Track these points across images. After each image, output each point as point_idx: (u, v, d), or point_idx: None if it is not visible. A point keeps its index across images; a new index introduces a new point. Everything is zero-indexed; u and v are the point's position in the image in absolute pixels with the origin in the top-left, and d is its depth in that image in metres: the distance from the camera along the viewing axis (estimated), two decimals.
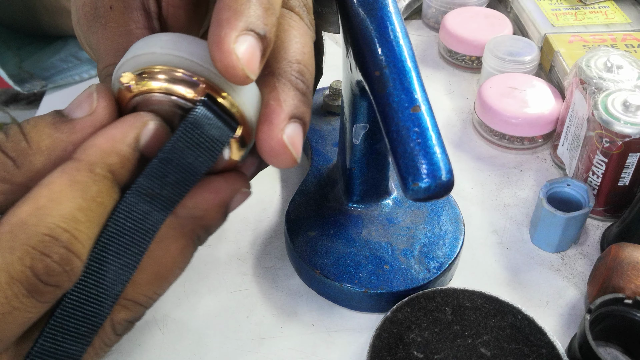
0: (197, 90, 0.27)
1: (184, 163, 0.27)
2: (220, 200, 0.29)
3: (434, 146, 0.29)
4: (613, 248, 0.40)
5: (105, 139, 0.26)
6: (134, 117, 0.27)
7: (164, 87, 0.27)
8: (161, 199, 0.27)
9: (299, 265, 0.43)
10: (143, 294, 0.29)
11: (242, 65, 0.25)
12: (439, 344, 0.38)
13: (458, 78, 0.62)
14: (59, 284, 0.25)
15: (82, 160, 0.26)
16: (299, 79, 0.28)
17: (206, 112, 0.26)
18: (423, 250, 0.43)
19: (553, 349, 0.37)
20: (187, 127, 0.26)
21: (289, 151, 0.28)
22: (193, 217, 0.29)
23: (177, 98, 0.27)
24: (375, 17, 0.33)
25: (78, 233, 0.25)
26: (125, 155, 0.26)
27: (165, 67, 0.27)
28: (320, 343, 0.41)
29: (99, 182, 0.26)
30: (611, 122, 0.43)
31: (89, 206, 0.25)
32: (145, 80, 0.27)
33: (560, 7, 0.62)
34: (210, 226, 0.30)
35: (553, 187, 0.45)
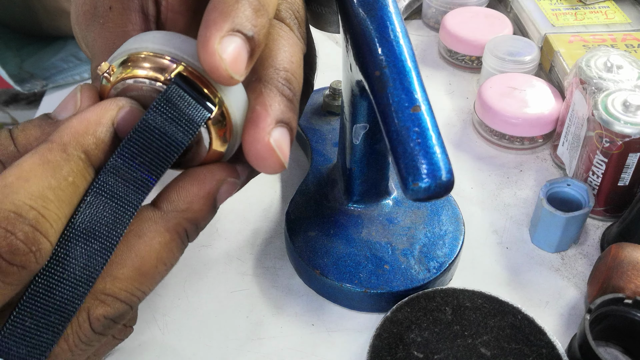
0: (171, 71, 0.27)
1: (157, 142, 0.26)
2: (206, 191, 0.29)
3: (434, 146, 0.29)
4: (613, 248, 0.40)
5: (79, 120, 0.26)
6: (109, 101, 0.27)
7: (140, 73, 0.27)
8: (135, 179, 0.26)
9: (299, 265, 0.43)
10: (124, 290, 0.28)
11: (225, 65, 0.25)
12: (439, 344, 0.38)
13: (458, 78, 0.62)
14: (24, 265, 0.24)
15: (54, 141, 0.25)
16: (286, 86, 0.28)
17: (178, 89, 0.26)
18: (423, 250, 0.43)
19: (553, 349, 0.37)
20: (157, 104, 0.26)
21: (275, 154, 0.27)
22: (177, 211, 0.29)
23: (154, 82, 0.27)
24: (375, 17, 0.33)
25: (46, 212, 0.24)
26: (100, 136, 0.26)
27: (146, 53, 0.27)
28: (320, 343, 0.41)
29: (71, 162, 0.25)
30: (611, 122, 0.43)
31: (60, 185, 0.25)
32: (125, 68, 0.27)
33: (560, 7, 0.62)
34: (197, 219, 0.29)
35: (553, 187, 0.45)
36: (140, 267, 0.28)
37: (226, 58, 0.25)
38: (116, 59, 0.28)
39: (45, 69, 0.60)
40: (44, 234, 0.24)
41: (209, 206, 0.29)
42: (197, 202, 0.29)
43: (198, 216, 0.29)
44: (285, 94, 0.28)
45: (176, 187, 0.29)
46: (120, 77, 0.27)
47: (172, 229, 0.29)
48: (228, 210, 0.49)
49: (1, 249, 0.23)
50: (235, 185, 0.30)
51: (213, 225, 0.48)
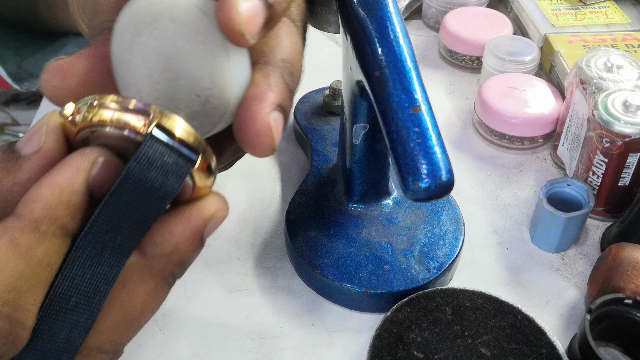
0: (147, 121, 0.24)
1: (137, 204, 0.24)
2: (192, 231, 0.27)
3: (434, 146, 0.29)
4: (613, 248, 0.40)
5: (50, 189, 0.24)
6: (79, 156, 0.24)
7: (109, 118, 0.24)
8: (113, 246, 0.25)
9: (299, 265, 0.43)
10: (108, 341, 0.27)
11: (240, 20, 0.24)
12: (439, 344, 0.38)
13: (458, 78, 0.62)
14: (3, 355, 0.23)
15: (24, 218, 0.23)
16: (289, 75, 0.28)
17: (156, 145, 0.24)
18: (423, 250, 0.43)
19: (553, 349, 0.37)
20: (133, 166, 0.24)
21: (271, 134, 0.26)
22: (163, 255, 0.27)
23: (124, 131, 0.24)
24: (375, 17, 0.33)
25: (21, 302, 0.23)
26: (74, 203, 0.24)
27: (113, 97, 0.25)
28: (320, 343, 0.41)
29: (46, 242, 0.23)
30: (611, 122, 0.43)
31: (34, 272, 0.23)
32: (92, 111, 0.25)
33: (560, 7, 0.62)
34: (184, 260, 0.28)
35: (553, 187, 0.45)
36: (124, 318, 0.27)
37: (243, 13, 0.24)
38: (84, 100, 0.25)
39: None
40: (20, 323, 0.23)
41: (196, 244, 0.28)
42: (183, 243, 0.27)
43: (184, 257, 0.27)
44: (288, 83, 0.28)
45: (160, 228, 0.26)
46: (90, 123, 0.25)
47: (158, 274, 0.27)
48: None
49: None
50: (224, 217, 0.29)
51: None
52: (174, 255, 0.27)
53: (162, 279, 0.27)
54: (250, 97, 0.27)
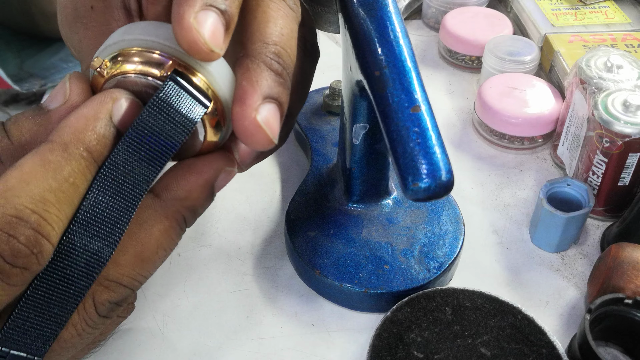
0: (167, 68, 0.27)
1: (155, 138, 0.27)
2: (204, 180, 0.29)
3: (433, 146, 0.29)
4: (613, 248, 0.40)
5: (77, 118, 0.26)
6: (104, 94, 0.27)
7: (133, 68, 0.27)
8: (135, 175, 0.27)
9: (299, 265, 0.43)
10: (126, 275, 0.29)
11: (204, 39, 0.25)
12: (439, 344, 0.38)
13: (458, 78, 0.62)
14: (27, 267, 0.24)
15: (55, 141, 0.25)
16: (274, 60, 0.28)
17: (175, 87, 0.27)
18: (423, 250, 0.43)
19: (553, 349, 0.37)
20: (155, 102, 0.26)
21: (263, 131, 0.27)
22: (176, 199, 0.29)
23: (147, 77, 0.27)
24: (375, 17, 0.33)
25: (47, 215, 0.24)
26: (99, 131, 0.26)
27: (137, 48, 0.27)
28: (320, 343, 0.41)
29: (73, 162, 0.25)
30: (611, 122, 0.43)
31: (60, 187, 0.25)
32: (117, 63, 0.27)
33: (560, 7, 0.62)
34: (195, 207, 0.30)
35: (553, 187, 0.45)
36: (141, 254, 0.29)
37: (203, 32, 0.25)
38: (108, 53, 0.28)
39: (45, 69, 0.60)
40: (46, 237, 0.24)
41: (207, 194, 0.30)
42: (195, 190, 0.29)
43: (196, 204, 0.30)
44: (273, 68, 0.28)
45: (175, 176, 0.29)
46: (114, 72, 0.27)
47: (171, 216, 0.29)
48: (228, 210, 0.49)
49: (4, 252, 0.24)
50: (233, 173, 0.31)
51: (213, 225, 0.48)
52: (187, 200, 0.29)
53: (175, 220, 0.29)
54: (235, 100, 0.28)
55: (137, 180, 0.27)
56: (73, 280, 0.26)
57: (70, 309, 0.27)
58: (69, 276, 0.26)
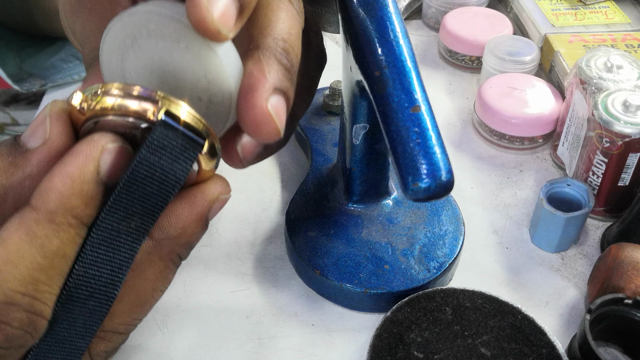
0: (155, 108, 0.25)
1: (148, 189, 0.25)
2: (198, 213, 0.28)
3: (433, 146, 0.29)
4: (613, 248, 0.40)
5: (62, 180, 0.24)
6: (88, 144, 0.24)
7: (117, 106, 0.25)
8: (128, 231, 0.25)
9: (299, 265, 0.43)
10: (122, 324, 0.28)
11: (212, 18, 0.24)
12: (439, 344, 0.38)
13: (458, 78, 0.62)
14: (22, 345, 0.24)
15: (39, 210, 0.24)
16: (284, 55, 0.28)
17: (166, 131, 0.24)
18: (423, 250, 0.43)
19: (553, 349, 0.37)
20: (145, 153, 0.24)
21: (273, 120, 0.26)
22: (170, 238, 0.27)
23: (132, 119, 0.25)
24: (375, 17, 0.33)
25: (39, 294, 0.23)
26: (87, 192, 0.24)
27: (118, 86, 0.25)
28: (320, 343, 0.41)
29: (61, 233, 0.24)
30: (611, 122, 0.43)
31: (51, 263, 0.24)
32: (99, 99, 0.25)
33: (560, 7, 0.62)
34: (190, 242, 0.29)
35: (553, 187, 0.45)
36: (137, 300, 0.28)
37: (213, 10, 0.24)
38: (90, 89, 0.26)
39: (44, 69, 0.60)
40: (39, 314, 0.24)
41: (202, 226, 0.28)
42: (189, 226, 0.28)
43: (191, 239, 0.28)
44: (283, 63, 0.27)
45: (167, 212, 0.27)
46: (98, 112, 0.25)
47: (166, 256, 0.28)
48: (228, 210, 0.49)
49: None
50: (227, 199, 0.29)
51: (213, 226, 0.48)
52: (181, 237, 0.28)
53: (169, 260, 0.28)
54: (245, 87, 0.27)
55: (130, 236, 0.25)
56: (71, 341, 0.25)
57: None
58: (66, 338, 0.25)
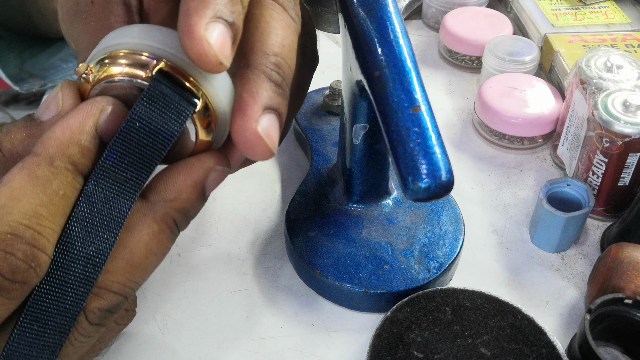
0: (151, 67, 0.26)
1: (143, 140, 0.26)
2: (193, 180, 0.29)
3: (433, 146, 0.29)
4: (613, 248, 0.40)
5: (63, 130, 0.26)
6: (90, 103, 0.26)
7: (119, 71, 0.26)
8: (125, 179, 0.26)
9: (298, 265, 0.43)
10: (116, 282, 0.28)
11: (214, 51, 0.25)
12: (439, 344, 0.38)
13: (458, 78, 0.62)
14: (26, 280, 0.25)
15: (40, 155, 0.26)
16: (275, 70, 0.28)
17: (160, 86, 0.26)
18: (423, 250, 0.43)
19: (553, 349, 0.37)
20: (141, 102, 0.26)
21: (264, 142, 0.27)
22: (165, 201, 0.28)
23: (134, 79, 0.26)
24: (375, 17, 0.33)
25: (41, 228, 0.25)
26: (85, 144, 0.26)
27: (124, 51, 0.27)
28: (320, 343, 0.41)
29: (60, 175, 0.25)
30: (611, 122, 0.43)
31: (51, 200, 0.25)
32: (103, 67, 0.27)
33: (560, 7, 0.62)
34: (186, 208, 0.29)
35: (553, 187, 0.45)
36: (131, 259, 0.28)
37: (214, 44, 0.25)
38: (94, 58, 0.27)
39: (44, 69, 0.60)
40: (42, 249, 0.25)
41: (198, 194, 0.29)
42: (184, 191, 0.29)
43: (186, 205, 0.29)
44: (273, 79, 0.28)
45: (163, 177, 0.28)
46: (100, 77, 0.27)
47: (161, 219, 0.29)
48: (228, 210, 0.49)
49: (3, 269, 0.24)
50: (225, 173, 0.30)
51: (213, 225, 0.48)
52: (176, 202, 0.29)
53: (164, 223, 0.29)
54: (235, 111, 0.27)
55: (126, 185, 0.27)
56: (71, 287, 0.26)
57: (72, 317, 0.27)
58: (67, 284, 0.26)
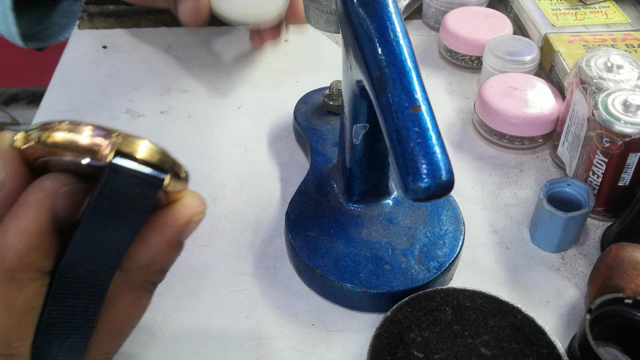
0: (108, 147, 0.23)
1: (108, 234, 0.24)
2: (169, 239, 0.26)
3: (434, 146, 0.29)
4: (613, 248, 0.40)
5: (18, 235, 0.23)
6: (40, 193, 0.23)
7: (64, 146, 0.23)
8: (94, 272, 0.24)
9: (299, 265, 0.43)
10: (100, 354, 0.27)
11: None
12: (439, 344, 0.38)
13: (458, 78, 0.62)
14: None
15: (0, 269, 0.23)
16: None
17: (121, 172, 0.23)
18: (423, 250, 0.43)
19: (553, 349, 0.37)
20: (99, 197, 0.23)
21: None
22: (141, 267, 0.26)
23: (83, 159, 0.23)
24: (375, 16, 0.33)
25: (14, 350, 0.23)
26: (45, 244, 0.23)
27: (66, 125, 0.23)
28: (320, 343, 0.41)
29: (25, 289, 0.23)
30: (611, 122, 0.43)
31: (19, 320, 0.23)
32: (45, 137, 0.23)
33: (560, 7, 0.62)
34: (163, 268, 0.27)
35: (553, 187, 0.45)
36: (113, 331, 0.27)
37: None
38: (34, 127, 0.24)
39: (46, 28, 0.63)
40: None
41: (174, 251, 0.27)
42: (160, 253, 0.26)
43: (164, 265, 0.27)
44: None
45: (136, 242, 0.26)
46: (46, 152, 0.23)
47: (139, 286, 0.27)
48: (228, 210, 0.49)
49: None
50: (201, 219, 0.28)
51: (213, 225, 0.48)
52: (152, 266, 0.27)
53: (142, 289, 0.27)
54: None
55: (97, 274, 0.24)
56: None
57: None
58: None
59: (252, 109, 0.59)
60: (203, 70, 0.63)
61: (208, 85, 0.61)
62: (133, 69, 0.63)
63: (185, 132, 0.56)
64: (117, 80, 0.62)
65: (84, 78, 0.63)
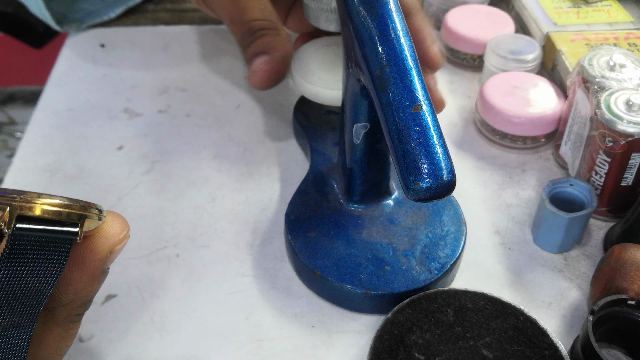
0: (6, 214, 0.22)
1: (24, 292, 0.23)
2: (90, 274, 0.26)
3: (435, 146, 0.29)
4: (616, 248, 0.40)
5: None
6: None
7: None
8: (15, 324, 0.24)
9: (298, 266, 0.43)
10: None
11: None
12: (440, 346, 0.37)
13: (459, 77, 0.62)
14: None
15: None
16: None
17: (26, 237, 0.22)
18: (424, 251, 0.42)
19: (556, 351, 0.37)
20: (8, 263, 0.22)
21: None
22: (64, 305, 0.26)
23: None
24: (375, 15, 0.32)
25: None
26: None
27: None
28: (320, 345, 0.40)
29: None
30: (614, 121, 0.43)
31: None
32: None
33: (562, 5, 0.62)
34: (87, 299, 0.27)
35: (556, 187, 0.45)
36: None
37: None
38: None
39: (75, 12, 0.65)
40: None
41: (97, 281, 0.27)
42: (82, 289, 0.26)
43: (88, 296, 0.27)
44: None
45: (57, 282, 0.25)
46: None
47: (63, 321, 0.27)
48: (227, 210, 0.49)
49: None
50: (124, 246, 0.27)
51: (212, 226, 0.48)
52: (75, 301, 0.26)
53: (68, 322, 0.27)
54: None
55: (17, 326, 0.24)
56: None
57: None
58: None
59: (251, 108, 0.58)
60: (202, 69, 0.63)
61: (207, 84, 0.61)
62: (131, 67, 0.63)
63: (184, 131, 0.56)
64: (115, 79, 0.62)
65: (81, 77, 0.62)
